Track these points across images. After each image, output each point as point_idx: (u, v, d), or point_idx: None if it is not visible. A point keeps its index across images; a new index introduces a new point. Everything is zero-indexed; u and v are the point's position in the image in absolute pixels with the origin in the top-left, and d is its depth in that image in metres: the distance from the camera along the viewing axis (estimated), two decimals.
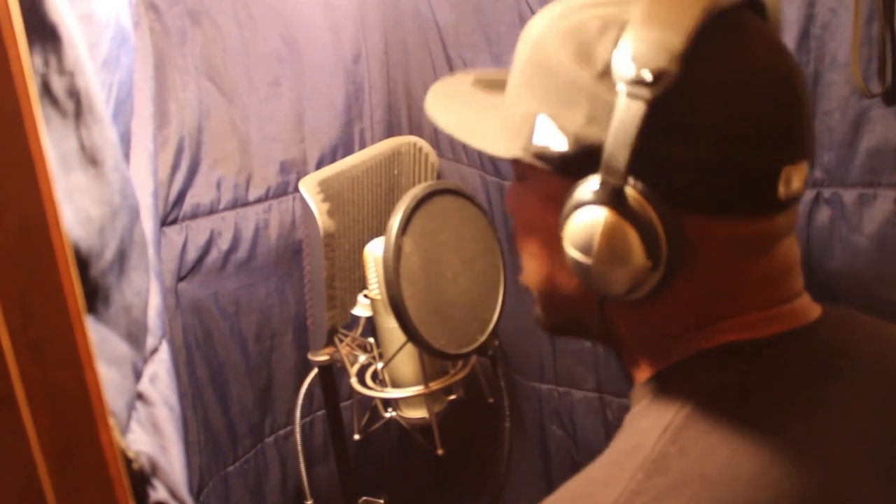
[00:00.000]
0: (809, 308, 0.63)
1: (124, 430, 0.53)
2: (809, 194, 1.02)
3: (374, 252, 0.99)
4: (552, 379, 1.38)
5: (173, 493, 0.55)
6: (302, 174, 1.20)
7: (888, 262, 0.97)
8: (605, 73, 0.55)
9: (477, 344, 0.96)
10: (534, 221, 0.66)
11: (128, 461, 0.48)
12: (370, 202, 1.07)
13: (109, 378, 0.50)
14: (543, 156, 0.60)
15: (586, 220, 0.56)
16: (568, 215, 0.58)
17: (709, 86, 0.54)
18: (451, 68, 1.33)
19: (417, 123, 1.40)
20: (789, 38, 0.98)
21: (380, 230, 1.05)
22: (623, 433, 0.59)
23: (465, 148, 1.31)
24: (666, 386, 0.61)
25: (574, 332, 0.72)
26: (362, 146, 1.34)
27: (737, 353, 0.59)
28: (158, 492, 0.53)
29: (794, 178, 0.56)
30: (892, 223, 0.96)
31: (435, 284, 0.92)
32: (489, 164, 1.26)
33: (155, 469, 0.53)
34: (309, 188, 0.96)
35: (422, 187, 0.91)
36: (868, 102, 0.95)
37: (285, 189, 1.25)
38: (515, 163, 0.64)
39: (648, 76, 0.52)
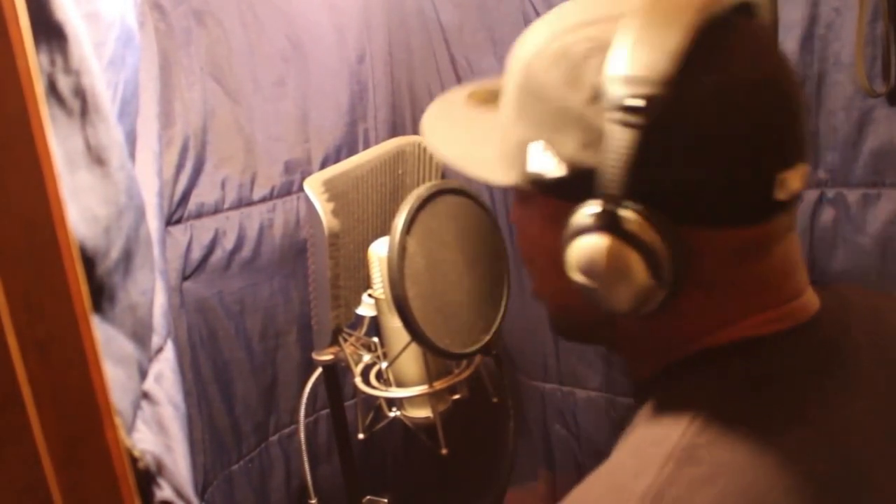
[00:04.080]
0: (814, 300, 0.64)
1: (130, 429, 0.53)
2: (813, 194, 1.02)
3: (379, 252, 0.99)
4: (556, 378, 1.38)
5: (179, 492, 0.55)
6: (306, 174, 1.20)
7: (892, 261, 0.97)
8: (595, 99, 0.55)
9: (481, 343, 0.96)
10: (538, 241, 0.66)
11: (133, 460, 0.49)
12: (375, 202, 1.07)
13: (115, 377, 0.50)
14: (541, 181, 0.60)
15: (587, 245, 0.57)
16: (569, 240, 0.58)
17: (699, 104, 0.54)
18: (454, 68, 1.33)
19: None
20: (793, 39, 0.98)
21: (384, 230, 1.05)
22: (644, 426, 0.59)
23: None
24: (682, 380, 0.61)
25: (588, 339, 0.73)
26: (366, 146, 1.34)
27: (753, 348, 0.60)
28: (164, 491, 0.53)
29: (793, 181, 0.56)
30: (895, 223, 0.96)
31: (439, 284, 0.92)
32: None
33: (160, 468, 0.53)
34: (313, 188, 0.96)
35: (426, 187, 0.91)
36: (872, 102, 0.95)
37: (290, 189, 1.25)
38: (516, 187, 0.64)
39: (638, 102, 0.52)
